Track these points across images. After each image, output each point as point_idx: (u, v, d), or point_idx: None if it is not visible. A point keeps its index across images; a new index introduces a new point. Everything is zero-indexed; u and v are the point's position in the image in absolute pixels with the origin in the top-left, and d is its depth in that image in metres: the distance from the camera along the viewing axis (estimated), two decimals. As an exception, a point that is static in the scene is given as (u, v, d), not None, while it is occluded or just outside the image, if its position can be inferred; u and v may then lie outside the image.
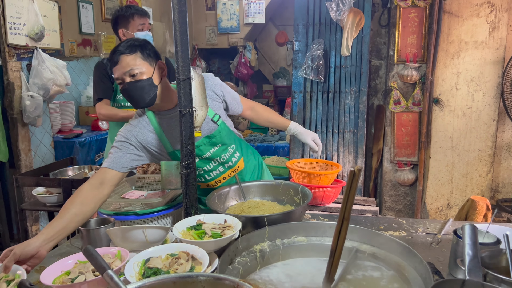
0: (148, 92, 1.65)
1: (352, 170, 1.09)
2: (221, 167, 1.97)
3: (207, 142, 1.88)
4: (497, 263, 1.23)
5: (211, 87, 1.92)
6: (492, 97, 3.27)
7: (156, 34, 3.68)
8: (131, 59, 1.63)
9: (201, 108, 1.59)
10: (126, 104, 2.82)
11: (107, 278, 0.92)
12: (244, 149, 2.09)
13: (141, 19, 2.75)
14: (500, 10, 3.14)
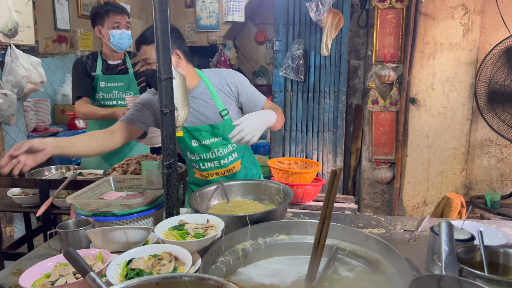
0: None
1: (334, 169, 1.11)
2: (217, 162, 2.06)
3: (209, 130, 1.98)
4: (472, 259, 1.27)
5: (228, 82, 2.03)
6: (466, 97, 3.37)
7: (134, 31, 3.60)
8: (150, 50, 1.87)
9: (182, 108, 1.59)
10: (106, 102, 2.78)
11: (90, 280, 0.91)
12: (246, 155, 2.17)
13: (116, 16, 2.69)
14: (474, 12, 3.24)
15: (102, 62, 2.81)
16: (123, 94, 2.80)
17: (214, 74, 2.07)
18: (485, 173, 3.65)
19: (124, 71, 2.83)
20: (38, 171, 2.79)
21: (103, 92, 2.79)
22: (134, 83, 2.84)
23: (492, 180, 3.66)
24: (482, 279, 1.11)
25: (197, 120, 1.99)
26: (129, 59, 2.87)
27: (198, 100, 2.00)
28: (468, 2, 3.23)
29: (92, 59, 2.81)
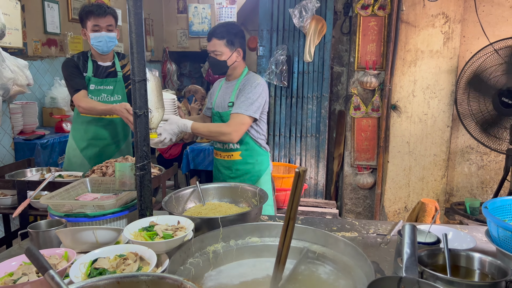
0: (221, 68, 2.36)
1: (297, 171, 1.13)
2: (220, 144, 2.43)
3: (217, 115, 2.41)
4: (435, 262, 1.30)
5: (246, 82, 2.35)
6: (446, 104, 3.42)
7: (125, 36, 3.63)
8: (219, 44, 2.29)
9: (156, 110, 1.60)
10: (97, 98, 2.78)
11: (48, 278, 0.91)
12: (250, 148, 2.41)
13: (96, 19, 2.65)
14: (454, 21, 3.30)
15: (92, 63, 2.79)
16: (111, 97, 2.80)
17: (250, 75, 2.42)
18: (466, 180, 3.70)
19: (113, 73, 2.82)
20: (19, 172, 2.78)
21: (92, 95, 2.77)
22: (122, 85, 2.83)
23: (473, 187, 3.71)
24: (443, 281, 1.13)
25: (216, 106, 2.44)
26: (118, 61, 2.86)
27: (227, 91, 2.42)
28: (448, 11, 3.29)
29: (83, 59, 2.79)
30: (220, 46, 2.29)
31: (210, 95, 2.59)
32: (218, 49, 2.30)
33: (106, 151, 2.86)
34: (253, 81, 2.32)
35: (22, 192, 2.32)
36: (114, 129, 2.85)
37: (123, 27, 6.67)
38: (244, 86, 2.32)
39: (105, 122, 2.82)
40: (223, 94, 2.44)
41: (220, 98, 2.44)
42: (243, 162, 2.43)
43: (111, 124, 2.84)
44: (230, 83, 2.43)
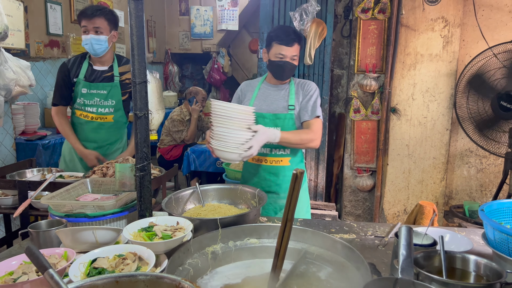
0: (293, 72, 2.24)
1: (295, 173, 1.15)
2: (268, 149, 2.28)
3: (273, 118, 2.24)
4: (431, 264, 1.31)
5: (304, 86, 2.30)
6: (445, 107, 3.43)
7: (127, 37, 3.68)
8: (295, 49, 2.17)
9: (157, 111, 1.62)
10: (86, 108, 2.77)
11: (48, 277, 0.92)
12: (298, 153, 2.33)
13: (85, 21, 2.60)
14: (453, 25, 3.32)
15: (87, 67, 2.75)
16: (105, 102, 2.76)
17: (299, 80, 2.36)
18: (465, 183, 3.71)
19: (109, 78, 2.75)
20: (20, 172, 2.80)
21: (84, 98, 2.76)
22: (118, 91, 2.76)
23: (472, 190, 3.72)
24: (438, 282, 1.14)
25: (267, 109, 2.27)
26: (117, 66, 2.78)
27: (278, 94, 2.30)
28: (448, 15, 3.30)
29: (78, 62, 2.77)
30: (298, 51, 2.21)
31: (238, 98, 2.38)
32: (297, 54, 2.21)
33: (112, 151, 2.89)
34: (310, 84, 2.30)
35: (23, 192, 2.33)
36: (104, 133, 2.83)
37: (125, 29, 6.71)
38: (306, 90, 2.27)
39: (95, 125, 2.81)
40: (271, 97, 2.30)
41: (266, 100, 2.29)
42: (291, 168, 2.32)
43: (101, 128, 2.82)
44: (278, 86, 2.30)
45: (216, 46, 8.53)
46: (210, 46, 8.55)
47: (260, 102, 2.29)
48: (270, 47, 2.22)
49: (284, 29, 2.19)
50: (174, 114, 5.11)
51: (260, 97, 2.31)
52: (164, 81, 8.53)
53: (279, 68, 2.20)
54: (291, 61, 2.19)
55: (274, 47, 2.19)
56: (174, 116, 5.06)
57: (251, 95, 2.33)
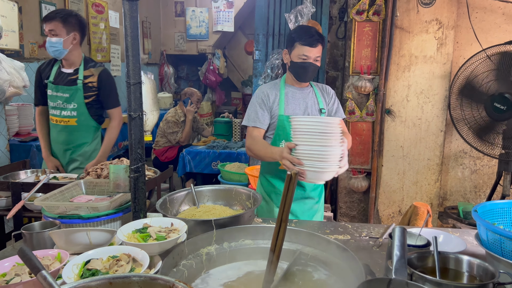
0: (315, 74, 2.18)
1: (289, 173, 1.15)
2: None
3: None
4: (425, 264, 1.31)
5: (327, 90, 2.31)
6: (440, 109, 3.45)
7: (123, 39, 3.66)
8: (318, 50, 2.12)
9: (151, 112, 1.62)
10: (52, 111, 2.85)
11: (41, 278, 0.92)
12: None
13: (44, 25, 2.72)
14: (447, 27, 3.34)
15: (57, 69, 2.82)
16: (67, 105, 2.78)
17: (315, 83, 2.33)
18: (459, 184, 3.73)
19: (72, 81, 2.76)
20: (14, 174, 2.78)
21: (50, 100, 2.83)
22: (80, 94, 2.76)
23: (466, 191, 3.74)
24: (431, 283, 1.15)
25: (301, 112, 2.22)
26: (83, 69, 2.78)
27: (307, 97, 2.25)
28: (442, 17, 3.33)
29: (51, 65, 2.85)
30: (321, 52, 2.15)
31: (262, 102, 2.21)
32: (320, 55, 2.15)
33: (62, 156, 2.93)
34: (328, 87, 2.32)
35: (16, 194, 2.32)
36: (67, 136, 2.86)
37: (120, 30, 6.69)
38: (328, 92, 2.28)
39: (59, 128, 2.86)
40: (301, 99, 2.23)
41: (298, 103, 2.22)
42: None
43: (64, 131, 2.85)
44: (302, 89, 2.25)
45: (211, 47, 8.53)
46: (205, 47, 8.55)
47: (292, 105, 2.21)
48: (292, 48, 2.16)
49: (306, 30, 2.14)
50: (168, 115, 5.10)
51: (290, 100, 2.22)
52: (159, 82, 8.52)
53: (303, 69, 2.14)
54: (315, 62, 2.14)
55: (297, 48, 2.13)
56: (168, 118, 5.05)
57: (278, 99, 2.22)
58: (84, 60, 2.81)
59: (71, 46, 2.71)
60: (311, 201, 2.31)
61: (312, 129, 1.72)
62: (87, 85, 2.76)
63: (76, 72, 2.78)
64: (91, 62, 2.84)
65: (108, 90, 2.80)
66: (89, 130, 2.87)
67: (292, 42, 2.15)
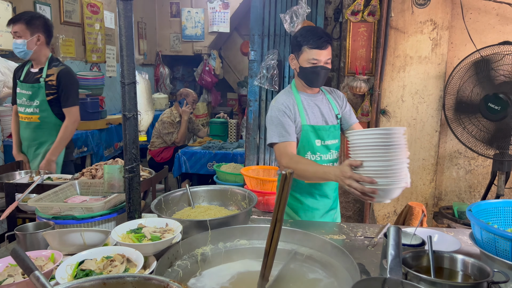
0: (326, 77, 2.05)
1: (284, 173, 1.15)
2: (331, 164, 2.11)
3: (331, 130, 2.09)
4: (420, 263, 1.32)
5: (338, 94, 2.23)
6: (434, 109, 3.47)
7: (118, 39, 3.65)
8: (328, 52, 2.00)
9: (146, 112, 1.61)
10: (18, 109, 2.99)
11: (34, 279, 0.91)
12: None
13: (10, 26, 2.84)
14: (442, 28, 3.35)
15: (27, 69, 2.95)
16: (31, 102, 2.90)
17: (324, 87, 2.23)
18: (454, 184, 3.74)
19: (37, 79, 2.89)
20: (8, 175, 2.77)
21: (17, 98, 2.98)
22: (42, 92, 2.88)
23: (461, 191, 3.75)
24: (426, 282, 1.15)
25: (321, 121, 2.11)
26: (47, 68, 2.90)
27: (321, 103, 2.14)
28: (436, 18, 3.34)
29: (24, 65, 2.99)
30: (330, 53, 2.02)
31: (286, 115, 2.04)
32: (330, 57, 2.03)
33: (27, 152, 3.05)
34: (338, 91, 2.25)
35: (10, 195, 2.31)
36: (30, 132, 2.98)
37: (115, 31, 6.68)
38: (339, 95, 2.21)
39: (23, 125, 3.00)
40: (317, 107, 2.11)
41: (316, 112, 2.10)
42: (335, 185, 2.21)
43: (27, 127, 2.97)
44: (315, 95, 2.14)
45: (207, 48, 8.53)
46: (201, 48, 8.55)
47: (313, 115, 2.09)
48: (300, 52, 2.02)
49: (313, 32, 1.99)
50: (164, 116, 5.08)
51: (308, 109, 2.09)
52: (155, 83, 8.51)
53: (314, 74, 2.00)
54: (325, 65, 2.00)
55: (305, 52, 1.99)
56: (164, 118, 5.04)
57: (297, 108, 2.07)
58: (50, 60, 2.94)
59: (36, 47, 2.84)
60: (333, 211, 2.25)
61: (379, 143, 1.57)
62: (48, 83, 2.88)
63: (41, 71, 2.90)
64: (55, 62, 2.96)
65: (65, 89, 2.89)
66: (52, 128, 2.95)
67: (299, 47, 2.02)
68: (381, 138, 1.57)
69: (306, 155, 2.07)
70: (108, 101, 6.37)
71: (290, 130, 2.02)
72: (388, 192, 1.58)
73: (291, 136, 2.01)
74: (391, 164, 1.56)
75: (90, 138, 4.87)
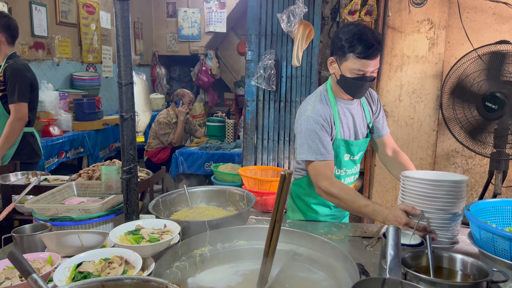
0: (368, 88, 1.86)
1: (283, 173, 1.14)
2: (352, 177, 2.01)
3: (363, 143, 1.96)
4: (419, 263, 1.32)
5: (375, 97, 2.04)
6: (432, 108, 3.47)
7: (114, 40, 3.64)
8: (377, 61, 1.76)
9: (143, 113, 1.60)
10: None
11: (31, 282, 0.91)
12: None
13: None
14: (439, 27, 3.36)
15: None
16: None
17: None
18: (451, 183, 3.74)
19: None
20: (4, 176, 2.75)
21: None
22: None
23: (458, 190, 3.76)
24: (425, 282, 1.15)
25: (354, 133, 1.93)
26: (3, 65, 2.93)
27: (356, 112, 1.94)
28: (433, 17, 3.35)
29: None
30: (378, 62, 1.79)
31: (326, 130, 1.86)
32: (378, 65, 1.80)
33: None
34: (374, 92, 2.06)
35: (6, 196, 2.29)
36: None
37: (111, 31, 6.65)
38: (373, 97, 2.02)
39: None
40: (352, 118, 1.93)
41: (351, 123, 1.93)
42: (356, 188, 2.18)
43: None
44: (351, 102, 1.93)
45: (204, 48, 8.51)
46: (198, 48, 8.54)
47: (347, 127, 1.91)
48: (344, 59, 1.76)
49: (363, 37, 1.70)
50: (160, 116, 5.07)
51: (344, 120, 1.90)
52: (151, 83, 8.49)
53: (358, 86, 1.78)
54: (371, 74, 1.77)
55: (351, 61, 1.74)
56: (160, 119, 5.03)
57: (334, 120, 1.87)
58: (8, 57, 2.96)
59: None
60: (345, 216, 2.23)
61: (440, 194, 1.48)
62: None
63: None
64: (11, 59, 2.98)
65: (11, 84, 2.89)
66: (4, 125, 2.94)
67: (343, 52, 1.76)
68: (448, 189, 1.48)
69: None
70: (104, 101, 6.36)
71: (328, 147, 1.83)
72: (440, 243, 1.52)
73: (330, 155, 1.83)
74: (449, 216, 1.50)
75: (86, 139, 4.86)
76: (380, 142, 2.08)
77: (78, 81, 5.59)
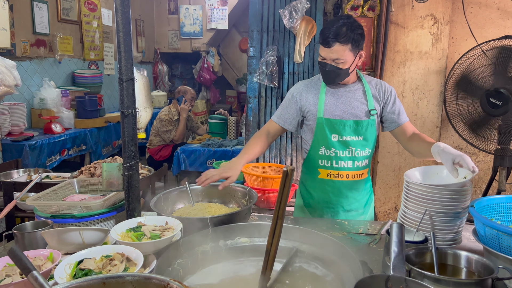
0: (341, 77, 1.92)
1: (285, 170, 1.13)
2: (351, 162, 2.01)
3: (353, 126, 1.97)
4: (423, 260, 1.31)
5: (384, 88, 2.04)
6: (435, 104, 3.45)
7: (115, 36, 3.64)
8: (336, 52, 1.83)
9: (144, 109, 1.59)
10: None
11: (32, 279, 0.90)
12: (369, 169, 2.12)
13: None
14: (442, 22, 3.33)
15: None
16: None
17: (370, 78, 2.09)
18: (455, 180, 3.72)
19: None
20: (6, 173, 2.75)
21: None
22: None
23: (462, 186, 3.74)
24: (430, 279, 1.14)
25: (343, 113, 1.98)
26: None
27: (352, 95, 2.00)
28: (437, 12, 3.32)
29: None
30: (343, 53, 1.84)
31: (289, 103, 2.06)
32: (342, 57, 1.84)
33: None
34: (388, 85, 2.07)
35: (8, 194, 2.30)
36: None
37: (113, 28, 6.64)
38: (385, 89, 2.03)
39: None
40: (345, 98, 1.99)
41: (340, 103, 1.98)
42: (369, 181, 2.15)
43: None
44: (346, 86, 2.01)
45: (205, 45, 8.49)
46: (199, 45, 8.52)
47: (335, 107, 1.98)
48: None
49: (327, 26, 1.86)
50: (162, 113, 5.06)
51: (331, 100, 1.99)
52: (153, 80, 8.48)
53: (322, 71, 1.93)
54: (336, 64, 1.86)
55: (320, 47, 1.90)
56: (162, 116, 5.02)
57: (316, 99, 1.99)
58: None
59: None
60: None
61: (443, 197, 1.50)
62: None
63: None
64: None
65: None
66: None
67: None
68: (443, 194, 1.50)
69: (320, 149, 2.00)
70: (106, 99, 6.35)
71: (284, 114, 2.08)
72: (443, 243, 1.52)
73: (280, 120, 2.09)
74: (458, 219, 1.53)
75: (88, 136, 4.85)
76: (400, 131, 2.08)
77: (80, 79, 5.58)
